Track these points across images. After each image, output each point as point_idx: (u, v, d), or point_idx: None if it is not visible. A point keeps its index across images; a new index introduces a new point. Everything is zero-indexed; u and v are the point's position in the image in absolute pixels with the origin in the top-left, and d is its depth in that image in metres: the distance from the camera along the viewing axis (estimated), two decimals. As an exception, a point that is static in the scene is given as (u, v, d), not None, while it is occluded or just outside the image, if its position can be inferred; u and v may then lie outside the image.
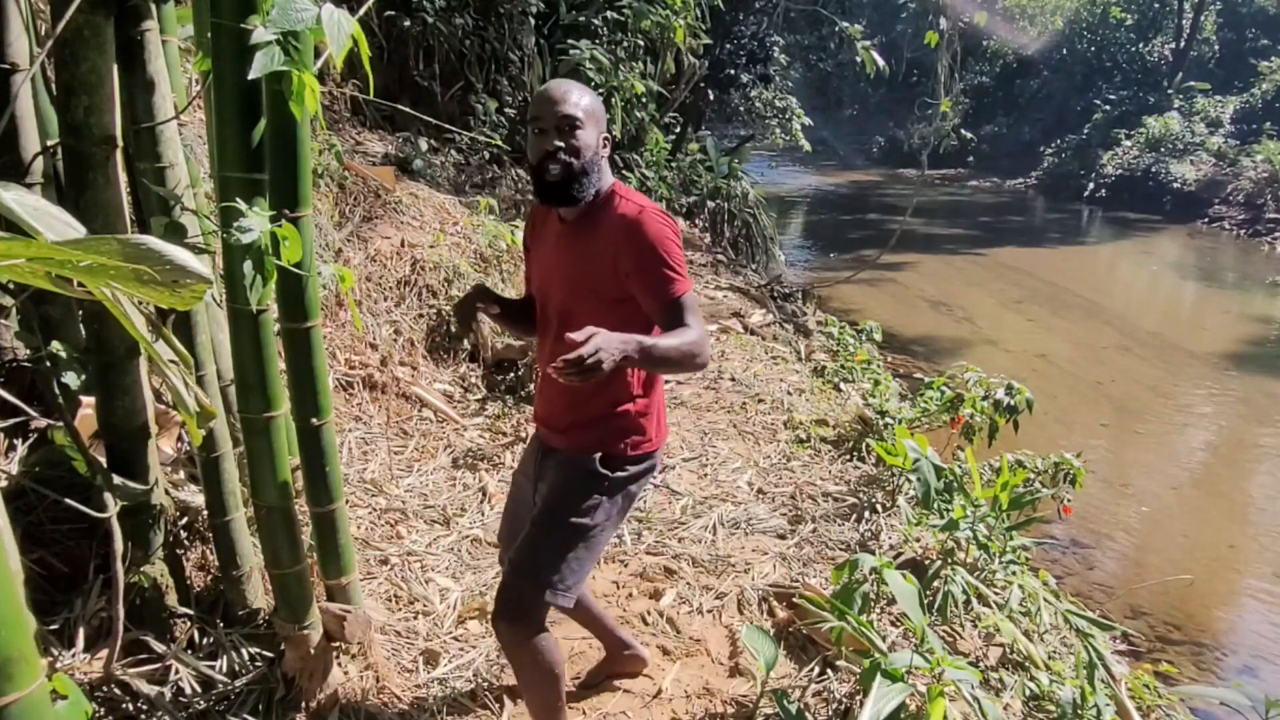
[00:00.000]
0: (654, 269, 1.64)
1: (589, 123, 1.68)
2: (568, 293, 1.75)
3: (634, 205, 1.69)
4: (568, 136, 1.66)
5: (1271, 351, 8.17)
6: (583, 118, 1.67)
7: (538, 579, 1.72)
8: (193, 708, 1.80)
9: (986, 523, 2.85)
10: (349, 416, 3.44)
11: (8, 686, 0.81)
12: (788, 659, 2.43)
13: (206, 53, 1.62)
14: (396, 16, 6.09)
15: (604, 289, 1.70)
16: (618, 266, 1.67)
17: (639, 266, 1.64)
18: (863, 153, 26.31)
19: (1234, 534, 4.60)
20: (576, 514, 1.76)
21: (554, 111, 1.66)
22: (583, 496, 1.77)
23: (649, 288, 1.65)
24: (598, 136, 1.70)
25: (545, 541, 1.75)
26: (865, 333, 5.88)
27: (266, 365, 1.73)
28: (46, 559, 1.80)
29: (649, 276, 1.64)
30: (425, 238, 4.48)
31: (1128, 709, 2.47)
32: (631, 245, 1.65)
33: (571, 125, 1.66)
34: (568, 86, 1.70)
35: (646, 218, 1.66)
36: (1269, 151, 15.66)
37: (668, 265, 1.64)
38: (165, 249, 0.81)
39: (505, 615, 1.72)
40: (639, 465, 1.81)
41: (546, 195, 1.69)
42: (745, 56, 10.65)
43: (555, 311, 1.78)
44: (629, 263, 1.65)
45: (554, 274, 1.79)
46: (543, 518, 1.79)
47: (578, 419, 1.78)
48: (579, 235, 1.73)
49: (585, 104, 1.68)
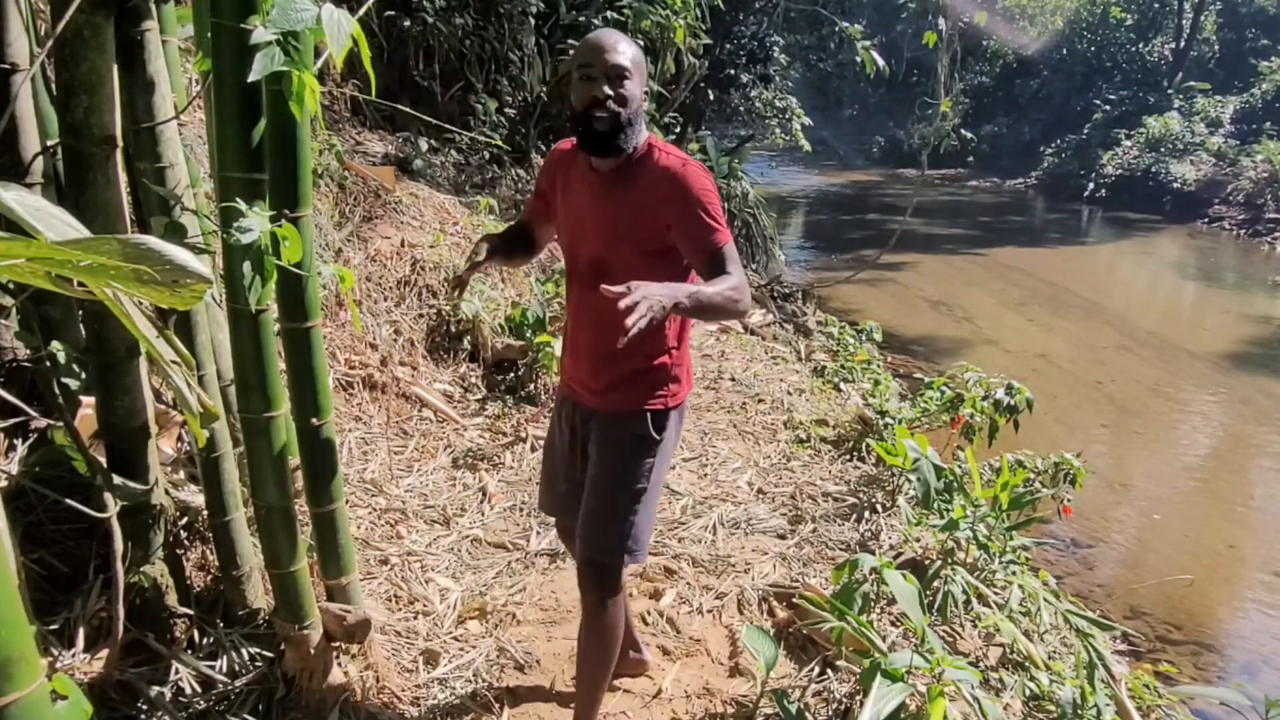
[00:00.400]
0: (698, 219, 1.66)
1: (635, 74, 1.68)
2: (604, 244, 1.76)
3: (676, 158, 1.71)
4: (616, 85, 1.66)
5: (1271, 351, 8.17)
6: (630, 68, 1.67)
7: (616, 551, 1.81)
8: (193, 708, 1.80)
9: (986, 523, 2.85)
10: (349, 416, 3.44)
11: (8, 686, 0.81)
12: (788, 659, 2.43)
13: (206, 53, 1.62)
14: (396, 16, 6.09)
15: (643, 240, 1.71)
16: (660, 217, 1.69)
17: (683, 217, 1.67)
18: (863, 153, 26.30)
19: (1234, 534, 4.60)
20: (635, 480, 1.81)
21: (604, 60, 1.66)
22: (638, 462, 1.82)
23: (692, 238, 1.67)
24: (641, 89, 1.70)
25: (612, 514, 1.82)
26: (865, 333, 5.88)
27: (266, 365, 1.73)
28: (46, 559, 1.80)
29: (693, 227, 1.66)
30: (425, 238, 4.48)
31: (1128, 709, 2.47)
32: (676, 196, 1.67)
33: (620, 75, 1.66)
34: (616, 36, 1.70)
35: (691, 170, 1.68)
36: (1269, 151, 15.66)
37: (711, 216, 1.66)
38: (165, 249, 0.81)
39: (594, 589, 1.84)
40: (680, 416, 1.87)
41: (592, 144, 1.69)
42: (745, 56, 10.65)
43: (588, 262, 1.78)
44: (672, 214, 1.67)
45: (586, 225, 1.79)
46: (603, 490, 1.83)
47: (615, 377, 1.80)
48: (616, 186, 1.73)
49: (633, 55, 1.68)
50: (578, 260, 1.82)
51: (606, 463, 1.84)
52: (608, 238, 1.75)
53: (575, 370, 1.89)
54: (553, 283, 4.74)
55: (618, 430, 1.83)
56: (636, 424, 1.80)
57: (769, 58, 10.86)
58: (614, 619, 1.87)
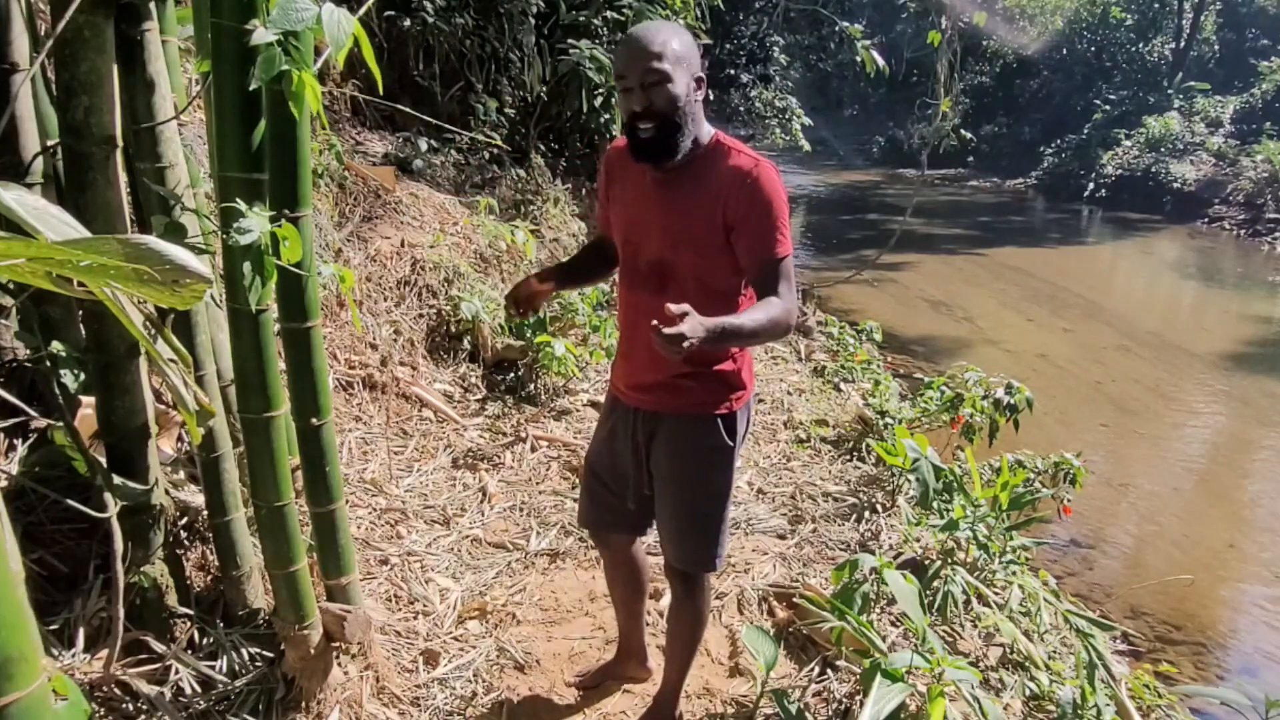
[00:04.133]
0: (763, 223, 1.58)
1: (677, 71, 1.56)
2: (667, 245, 1.68)
3: (750, 158, 1.62)
4: (653, 94, 1.56)
5: (1271, 351, 8.17)
6: (669, 68, 1.55)
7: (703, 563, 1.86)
8: (193, 708, 1.80)
9: (986, 523, 2.85)
10: (349, 416, 3.44)
11: (8, 686, 0.81)
12: (788, 659, 2.43)
13: (206, 53, 1.62)
14: (396, 16, 6.09)
15: (705, 241, 1.63)
16: (724, 217, 1.60)
17: (748, 218, 1.58)
18: (863, 153, 26.29)
19: (1234, 534, 4.60)
20: (714, 490, 1.81)
21: (638, 68, 1.56)
22: (714, 471, 1.80)
23: (752, 242, 1.58)
24: (688, 83, 1.59)
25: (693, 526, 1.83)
26: (865, 333, 5.88)
27: (266, 365, 1.73)
28: (46, 559, 1.80)
29: (756, 230, 1.58)
30: (425, 238, 4.48)
31: (1128, 709, 2.47)
32: (744, 197, 1.58)
33: (657, 80, 1.55)
34: (651, 34, 1.58)
35: (764, 171, 1.59)
36: (1269, 151, 15.65)
37: (777, 223, 1.57)
38: (165, 249, 0.81)
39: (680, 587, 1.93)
40: (747, 414, 1.82)
41: (643, 154, 1.61)
42: (745, 56, 10.66)
43: (648, 263, 1.71)
44: (737, 214, 1.59)
45: (648, 225, 1.70)
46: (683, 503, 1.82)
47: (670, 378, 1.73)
48: (679, 186, 1.66)
49: (672, 49, 1.56)
50: (638, 262, 1.74)
51: (683, 475, 1.80)
52: (671, 239, 1.67)
53: (631, 374, 1.81)
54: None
55: (690, 441, 1.77)
56: (709, 433, 1.75)
57: (769, 58, 10.87)
58: (701, 604, 1.95)
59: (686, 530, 1.85)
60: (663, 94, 1.56)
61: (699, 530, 1.83)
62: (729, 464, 1.81)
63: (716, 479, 1.81)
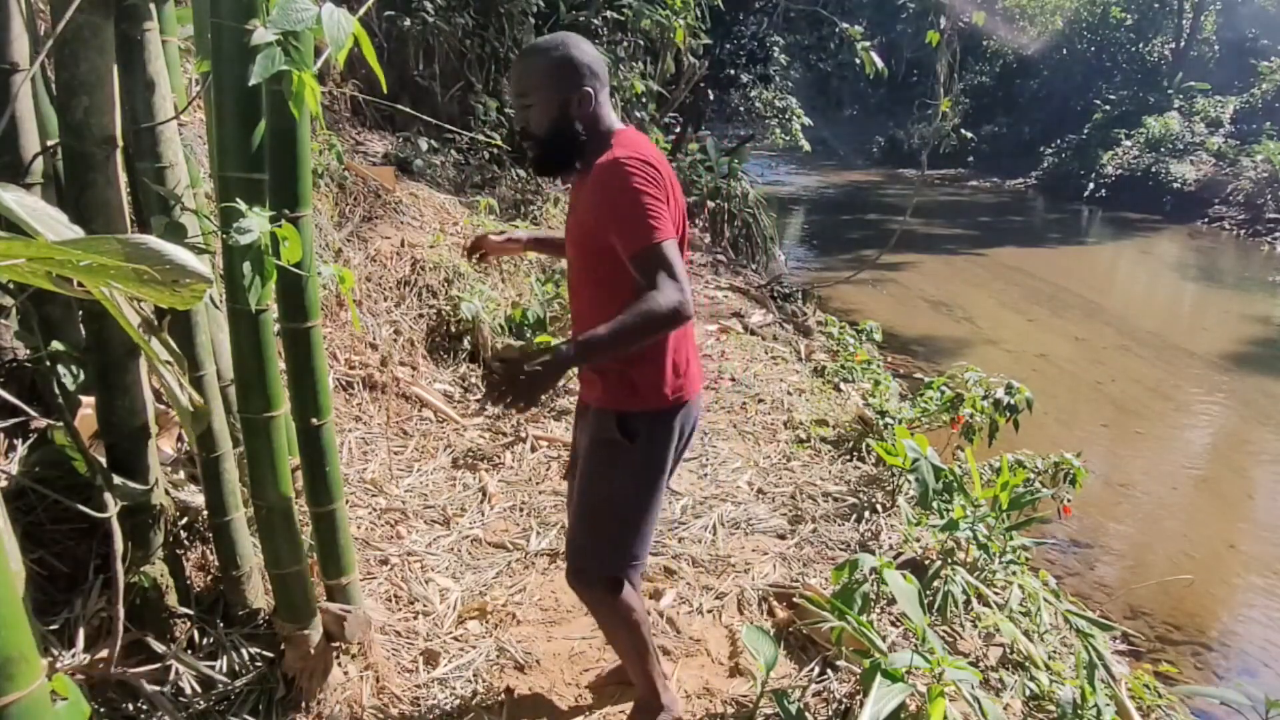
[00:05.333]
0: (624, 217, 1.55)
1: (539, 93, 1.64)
2: (571, 250, 1.78)
3: (609, 157, 1.61)
4: (524, 115, 1.68)
5: (1271, 351, 8.17)
6: (530, 98, 1.65)
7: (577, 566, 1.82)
8: (193, 708, 1.80)
9: (986, 523, 2.85)
10: (349, 416, 3.44)
11: (8, 686, 0.81)
12: (788, 659, 2.43)
13: (206, 53, 1.62)
14: (396, 16, 6.09)
15: (588, 245, 1.69)
16: (595, 219, 1.62)
17: (611, 215, 1.58)
18: (863, 153, 26.29)
19: (1234, 534, 4.59)
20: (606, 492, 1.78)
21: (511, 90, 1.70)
22: (608, 469, 1.78)
23: (621, 239, 1.57)
24: (557, 104, 1.65)
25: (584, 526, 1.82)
26: (865, 333, 5.88)
27: (266, 365, 1.74)
28: (46, 559, 1.80)
29: (621, 226, 1.56)
30: (425, 238, 4.48)
31: (1128, 709, 2.47)
32: (605, 195, 1.59)
33: (523, 106, 1.67)
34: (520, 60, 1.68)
35: (616, 166, 1.57)
36: (1269, 151, 15.64)
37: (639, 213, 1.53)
38: (166, 248, 0.81)
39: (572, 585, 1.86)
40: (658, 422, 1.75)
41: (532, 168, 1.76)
42: (745, 56, 10.66)
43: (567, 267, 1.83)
44: (603, 212, 1.60)
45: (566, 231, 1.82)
46: (578, 497, 1.83)
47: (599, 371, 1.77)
48: (578, 192, 1.74)
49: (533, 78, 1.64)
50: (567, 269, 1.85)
51: (584, 467, 1.83)
52: (572, 243, 1.76)
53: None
54: (553, 283, 4.74)
55: (593, 432, 1.80)
56: (606, 427, 1.75)
57: (769, 58, 10.87)
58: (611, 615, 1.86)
59: (574, 525, 1.85)
60: (529, 117, 1.67)
61: (584, 528, 1.81)
62: (627, 468, 1.76)
63: (610, 477, 1.77)
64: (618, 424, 1.74)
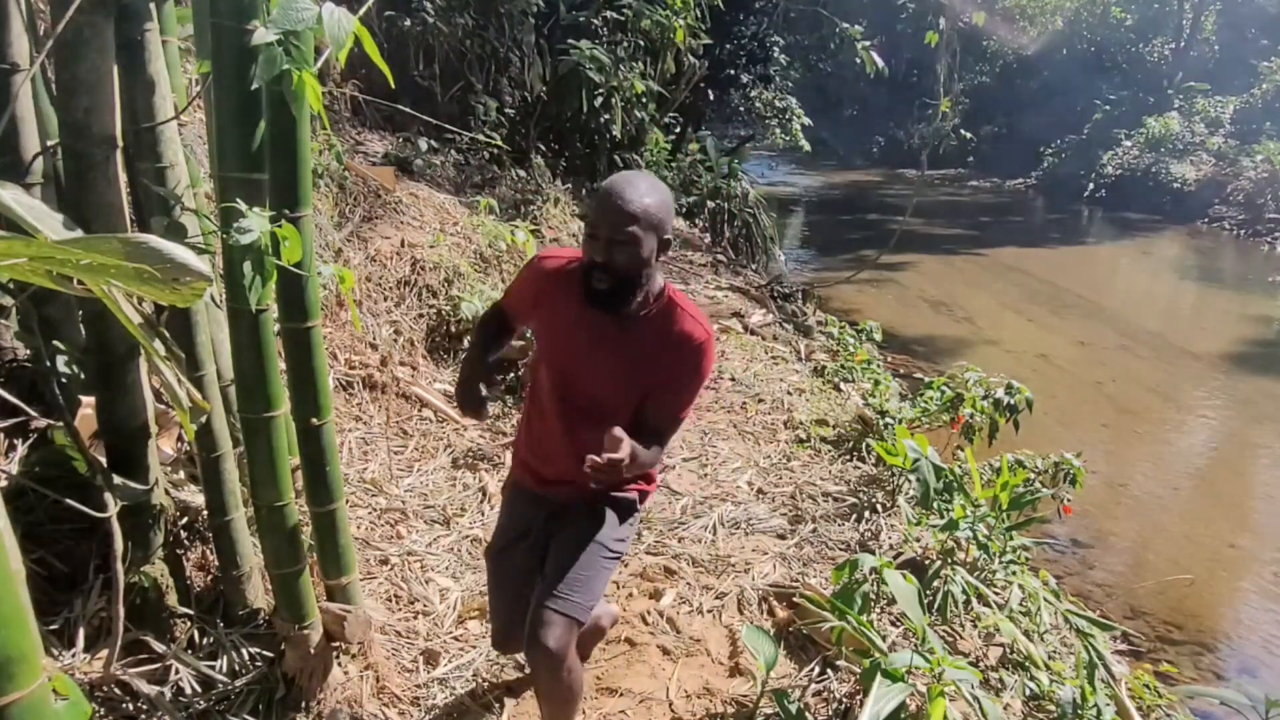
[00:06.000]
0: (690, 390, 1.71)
1: (647, 236, 1.57)
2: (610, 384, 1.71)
3: (702, 329, 1.68)
4: (617, 252, 1.56)
5: (1271, 351, 8.17)
6: (640, 231, 1.55)
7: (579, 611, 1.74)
8: (193, 708, 1.80)
9: (986, 523, 2.85)
10: (349, 416, 3.44)
11: (8, 686, 0.81)
12: (788, 659, 2.43)
13: (206, 54, 1.62)
14: (396, 16, 6.10)
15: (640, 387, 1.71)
16: (656, 373, 1.69)
17: (680, 380, 1.70)
18: (863, 153, 26.28)
19: (1234, 534, 4.60)
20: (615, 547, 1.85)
21: (610, 224, 1.55)
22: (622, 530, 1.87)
23: (672, 400, 1.71)
24: (654, 246, 1.60)
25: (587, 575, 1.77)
26: (865, 333, 5.88)
27: (266, 365, 1.74)
28: (46, 559, 1.80)
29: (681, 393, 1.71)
30: (425, 238, 4.48)
31: (1128, 709, 2.47)
32: (688, 364, 1.68)
33: (626, 240, 1.55)
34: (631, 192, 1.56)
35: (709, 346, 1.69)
36: (1269, 151, 15.64)
37: (699, 392, 1.73)
38: (166, 247, 0.82)
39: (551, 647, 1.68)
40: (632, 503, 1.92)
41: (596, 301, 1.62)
42: (745, 56, 10.66)
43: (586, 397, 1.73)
44: (672, 373, 1.69)
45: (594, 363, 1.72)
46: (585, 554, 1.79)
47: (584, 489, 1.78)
48: (629, 331, 1.67)
49: (649, 214, 1.56)
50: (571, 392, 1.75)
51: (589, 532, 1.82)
52: (615, 380, 1.70)
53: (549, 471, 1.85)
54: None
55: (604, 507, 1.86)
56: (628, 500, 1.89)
57: (769, 58, 10.87)
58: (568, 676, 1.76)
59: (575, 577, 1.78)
60: (628, 255, 1.56)
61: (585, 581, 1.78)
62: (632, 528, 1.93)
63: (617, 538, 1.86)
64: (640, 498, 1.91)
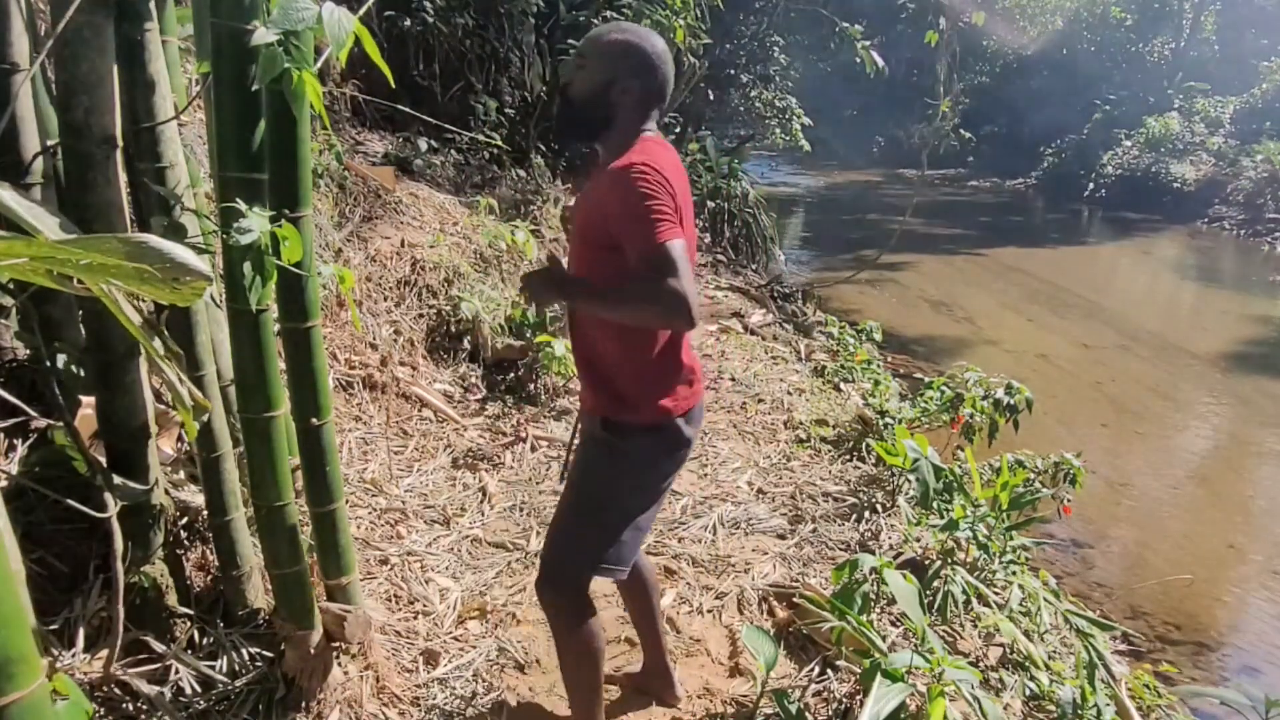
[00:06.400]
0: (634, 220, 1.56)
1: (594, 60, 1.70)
2: (575, 246, 1.78)
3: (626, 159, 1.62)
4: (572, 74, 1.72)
5: (1271, 351, 8.16)
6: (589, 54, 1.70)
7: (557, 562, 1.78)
8: (193, 708, 1.80)
9: (986, 523, 2.85)
10: (349, 416, 3.44)
11: (8, 686, 0.81)
12: (788, 659, 2.43)
13: (206, 54, 1.62)
14: (396, 16, 6.09)
15: (596, 238, 1.68)
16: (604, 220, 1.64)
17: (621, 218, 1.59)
18: (863, 153, 26.25)
19: (1234, 534, 4.59)
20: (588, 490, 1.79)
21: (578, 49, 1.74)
22: (591, 467, 1.79)
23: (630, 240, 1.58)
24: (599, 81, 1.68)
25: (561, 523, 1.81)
26: (865, 333, 5.88)
27: (266, 365, 1.73)
28: (46, 559, 1.80)
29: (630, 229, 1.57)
30: (425, 238, 4.48)
31: (1128, 709, 2.47)
32: (615, 198, 1.60)
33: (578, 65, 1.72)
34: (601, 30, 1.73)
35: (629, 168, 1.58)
36: (1269, 151, 15.64)
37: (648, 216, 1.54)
38: (166, 247, 0.82)
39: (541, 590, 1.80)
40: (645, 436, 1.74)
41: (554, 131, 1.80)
42: (745, 56, 10.65)
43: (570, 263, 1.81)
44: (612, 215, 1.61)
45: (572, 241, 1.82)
46: (561, 497, 1.84)
47: (590, 378, 1.80)
48: (586, 190, 1.76)
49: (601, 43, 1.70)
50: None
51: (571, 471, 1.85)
52: (577, 237, 1.76)
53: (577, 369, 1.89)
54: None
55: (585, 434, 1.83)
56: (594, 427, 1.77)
57: (769, 58, 10.86)
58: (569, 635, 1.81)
59: (553, 525, 1.84)
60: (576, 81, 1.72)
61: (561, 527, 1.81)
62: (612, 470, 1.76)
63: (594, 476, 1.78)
64: (603, 425, 1.75)
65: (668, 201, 1.56)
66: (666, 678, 2.20)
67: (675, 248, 1.52)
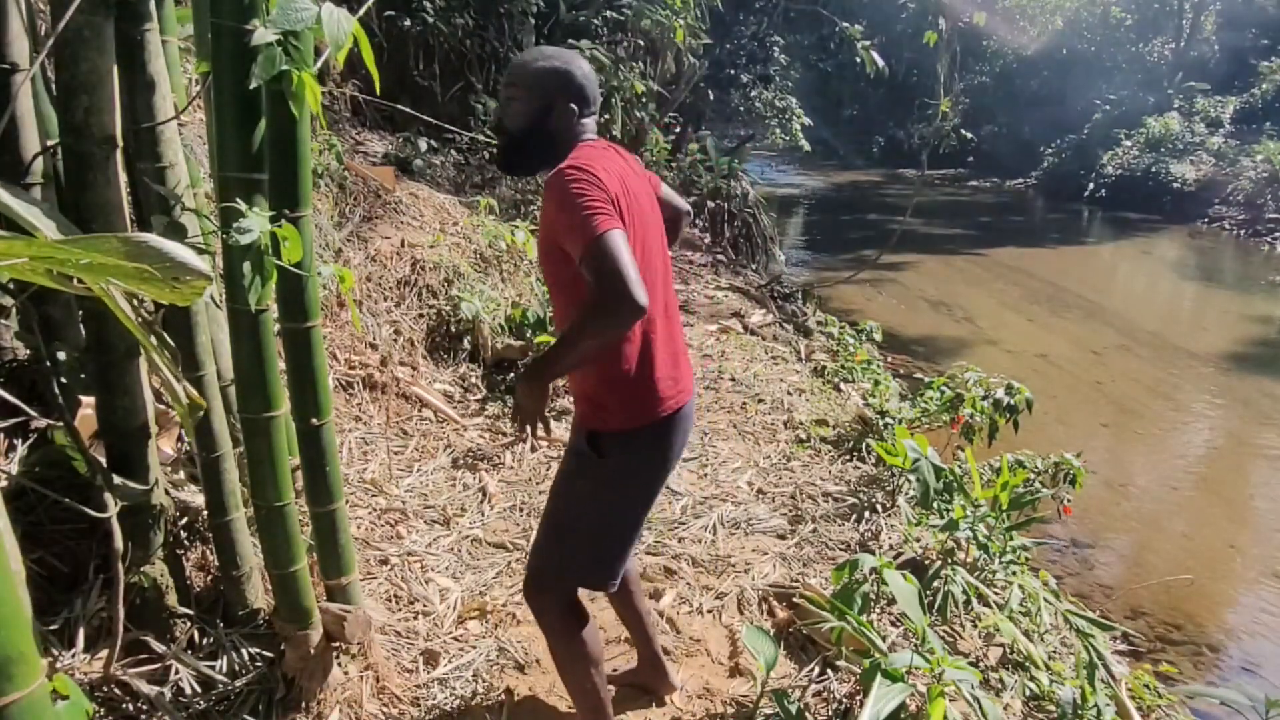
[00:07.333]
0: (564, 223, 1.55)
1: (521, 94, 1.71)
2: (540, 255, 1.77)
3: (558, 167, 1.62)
4: (505, 108, 1.73)
5: (1271, 351, 8.17)
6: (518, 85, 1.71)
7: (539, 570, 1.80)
8: (193, 708, 1.80)
9: (986, 523, 2.85)
10: (349, 416, 3.44)
11: (8, 686, 0.81)
12: (788, 659, 2.43)
13: (206, 54, 1.62)
14: (396, 16, 6.10)
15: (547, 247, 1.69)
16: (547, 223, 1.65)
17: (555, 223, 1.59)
18: (863, 153, 26.26)
19: (1234, 534, 4.60)
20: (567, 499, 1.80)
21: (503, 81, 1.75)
22: (573, 479, 1.81)
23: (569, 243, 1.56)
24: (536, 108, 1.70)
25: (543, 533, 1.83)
26: (865, 333, 5.88)
27: (266, 365, 1.73)
28: (46, 559, 1.80)
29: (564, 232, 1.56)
30: (425, 238, 4.48)
31: (1128, 709, 2.47)
32: (549, 204, 1.61)
33: (508, 99, 1.73)
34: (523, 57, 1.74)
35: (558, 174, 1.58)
36: (1269, 151, 15.64)
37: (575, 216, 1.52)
38: (166, 246, 0.82)
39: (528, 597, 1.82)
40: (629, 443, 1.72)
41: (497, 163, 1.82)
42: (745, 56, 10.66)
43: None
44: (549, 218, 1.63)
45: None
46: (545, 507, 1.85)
47: (573, 387, 1.82)
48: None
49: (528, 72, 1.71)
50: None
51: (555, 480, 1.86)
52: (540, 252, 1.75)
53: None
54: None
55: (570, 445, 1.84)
56: (579, 439, 1.77)
57: (769, 58, 10.87)
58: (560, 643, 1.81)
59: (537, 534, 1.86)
60: (510, 111, 1.73)
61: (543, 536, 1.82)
62: (594, 482, 1.76)
63: (576, 488, 1.79)
64: (587, 439, 1.74)
65: (597, 195, 1.54)
66: (660, 668, 2.21)
67: (611, 237, 1.49)
